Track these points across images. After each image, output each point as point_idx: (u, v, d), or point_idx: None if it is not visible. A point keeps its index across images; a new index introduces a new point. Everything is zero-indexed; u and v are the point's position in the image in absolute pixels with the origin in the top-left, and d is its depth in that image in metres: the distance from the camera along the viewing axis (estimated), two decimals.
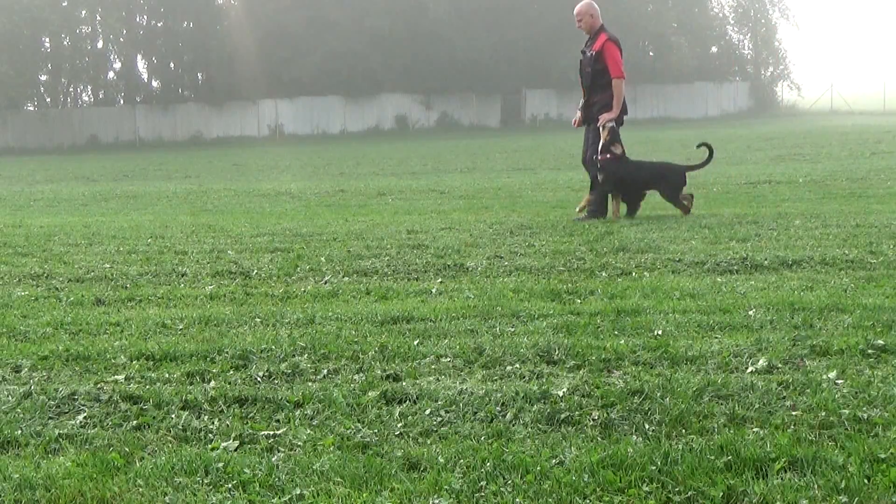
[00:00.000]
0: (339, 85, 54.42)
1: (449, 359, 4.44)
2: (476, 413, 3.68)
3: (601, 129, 10.11)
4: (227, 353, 4.63)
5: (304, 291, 6.31)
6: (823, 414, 3.51)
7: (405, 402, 3.85)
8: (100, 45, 58.01)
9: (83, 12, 55.77)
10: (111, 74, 59.18)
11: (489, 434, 3.46)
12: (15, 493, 3.05)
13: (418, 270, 7.01)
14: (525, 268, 6.93)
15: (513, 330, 4.98)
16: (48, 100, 57.54)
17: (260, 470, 3.17)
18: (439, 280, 6.63)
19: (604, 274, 6.61)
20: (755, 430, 3.39)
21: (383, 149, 36.92)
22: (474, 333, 4.93)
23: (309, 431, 3.53)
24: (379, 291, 6.20)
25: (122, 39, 57.13)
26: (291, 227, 10.19)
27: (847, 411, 3.52)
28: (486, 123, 55.63)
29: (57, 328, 5.32)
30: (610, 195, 10.21)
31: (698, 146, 10.90)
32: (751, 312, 5.18)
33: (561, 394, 3.83)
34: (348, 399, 3.87)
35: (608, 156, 10.09)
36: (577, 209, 10.46)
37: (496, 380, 4.12)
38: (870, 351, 4.34)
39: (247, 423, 3.67)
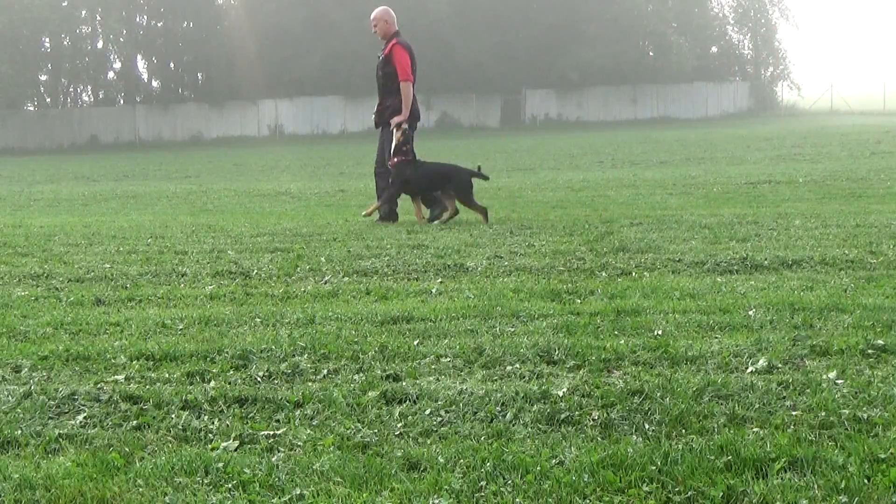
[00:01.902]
0: (339, 85, 54.40)
1: (449, 359, 4.44)
2: (476, 413, 3.68)
3: (394, 131, 10.30)
4: (227, 353, 4.63)
5: (304, 291, 6.31)
6: (823, 414, 3.51)
7: (405, 402, 3.84)
8: (100, 45, 58.02)
9: (83, 12, 55.77)
10: (111, 74, 59.21)
11: (489, 434, 3.46)
12: (15, 493, 3.05)
13: (418, 270, 7.01)
14: (525, 268, 6.93)
15: (513, 330, 4.98)
16: (48, 100, 57.55)
17: (260, 470, 3.17)
18: (439, 280, 6.63)
19: (604, 274, 6.61)
20: (755, 430, 3.39)
21: None
22: (474, 333, 4.93)
23: (309, 431, 3.53)
24: (379, 291, 6.20)
25: (122, 39, 57.14)
26: (291, 227, 10.19)
27: (847, 411, 3.52)
28: (486, 123, 55.62)
29: (57, 328, 5.32)
30: (411, 198, 10.43)
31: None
32: (751, 312, 5.18)
33: (561, 394, 3.83)
34: (348, 399, 3.87)
35: (399, 158, 10.28)
36: (364, 214, 10.68)
37: (496, 380, 4.12)
38: (870, 351, 4.34)
39: (247, 423, 3.67)
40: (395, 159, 10.31)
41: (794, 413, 3.55)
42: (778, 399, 3.72)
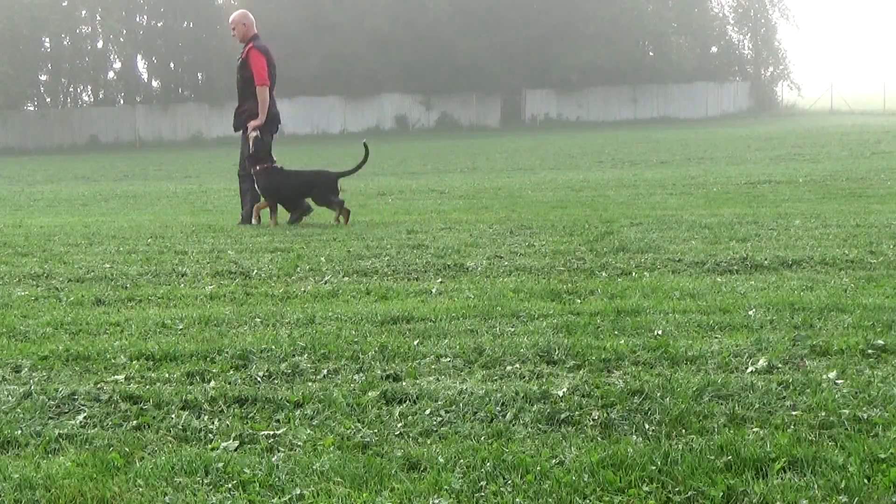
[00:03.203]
0: (339, 85, 54.41)
1: (449, 359, 4.44)
2: (476, 413, 3.68)
3: (249, 137, 10.46)
4: (227, 353, 4.63)
5: (304, 291, 6.31)
6: (823, 414, 3.51)
7: (405, 402, 3.84)
8: (100, 45, 58.00)
9: (83, 12, 55.76)
10: (111, 74, 59.19)
11: (489, 434, 3.46)
12: (15, 493, 3.05)
13: (418, 270, 7.00)
14: (525, 268, 6.93)
15: (513, 330, 4.98)
16: (48, 100, 57.53)
17: (260, 470, 3.17)
18: (439, 280, 6.62)
19: (604, 274, 6.61)
20: (755, 430, 3.39)
21: (383, 149, 36.91)
22: (474, 333, 4.93)
23: (309, 431, 3.53)
24: (379, 291, 6.20)
25: (122, 39, 57.11)
26: (291, 227, 10.18)
27: (847, 411, 3.51)
28: (486, 123, 55.60)
29: (57, 328, 5.32)
30: (269, 206, 10.51)
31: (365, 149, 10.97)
32: (751, 312, 5.18)
33: (561, 394, 3.83)
34: (348, 399, 3.87)
35: (259, 167, 10.43)
36: (254, 221, 10.65)
37: (496, 380, 4.12)
38: (870, 351, 4.34)
39: (247, 423, 3.67)
40: (258, 167, 10.43)
41: (794, 413, 3.55)
42: (778, 399, 3.72)
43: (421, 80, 55.19)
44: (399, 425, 3.58)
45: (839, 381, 3.90)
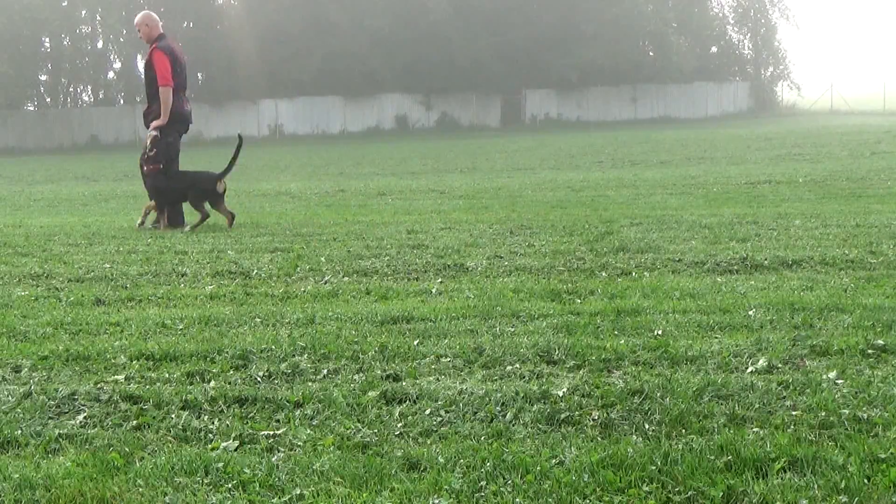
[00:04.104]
0: (339, 85, 54.40)
1: (449, 359, 4.44)
2: (476, 413, 3.68)
3: (148, 136, 10.54)
4: (227, 353, 4.63)
5: (304, 291, 6.31)
6: (823, 414, 3.51)
7: (405, 402, 3.84)
8: (100, 45, 58.01)
9: (83, 12, 55.77)
10: (111, 74, 59.20)
11: (489, 434, 3.46)
12: (15, 493, 3.05)
13: (418, 270, 7.01)
14: (525, 268, 6.93)
15: (513, 330, 4.98)
16: (48, 100, 57.54)
17: (260, 470, 3.17)
18: (439, 280, 6.62)
19: (604, 274, 6.61)
20: (755, 430, 3.39)
21: (383, 149, 36.92)
22: (474, 333, 4.93)
23: (309, 431, 3.53)
24: (379, 291, 6.20)
25: (122, 39, 57.10)
26: (291, 227, 10.19)
27: (847, 411, 3.52)
28: (486, 123, 55.62)
29: (57, 328, 5.32)
30: (157, 208, 10.57)
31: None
32: (751, 312, 5.18)
33: (561, 394, 3.83)
34: (348, 399, 3.87)
35: (151, 167, 10.48)
36: (153, 225, 10.64)
37: (496, 380, 4.12)
38: (870, 351, 4.34)
39: (247, 423, 3.67)
40: (146, 168, 10.55)
41: (794, 413, 3.55)
42: (778, 399, 3.72)
43: (421, 80, 55.20)
44: (399, 425, 3.58)
45: (839, 381, 3.91)
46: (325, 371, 4.31)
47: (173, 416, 3.75)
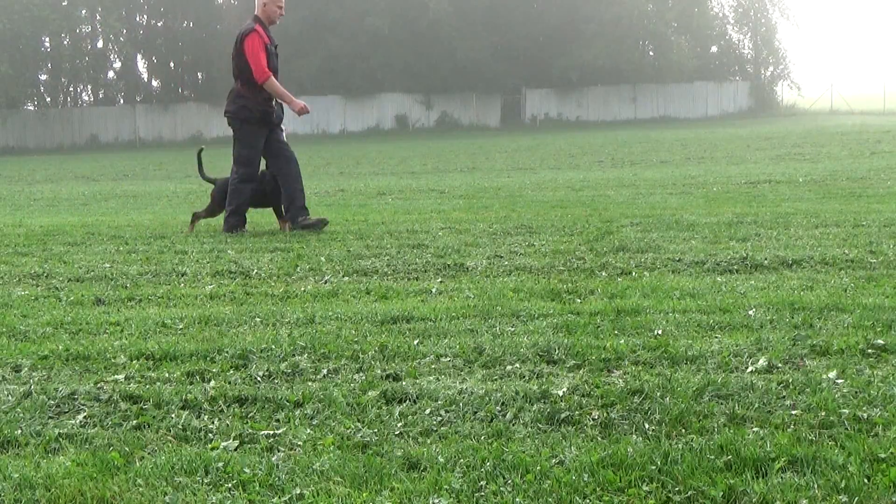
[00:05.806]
0: (339, 85, 54.45)
1: (449, 358, 4.44)
2: (476, 413, 3.68)
3: None
4: (227, 352, 4.63)
5: (304, 291, 6.31)
6: (823, 414, 3.51)
7: (405, 401, 3.84)
8: (100, 44, 58.05)
9: (83, 12, 55.78)
10: (111, 74, 59.26)
11: (489, 434, 3.46)
12: (15, 493, 3.05)
13: (418, 270, 7.01)
14: (525, 268, 6.93)
15: (513, 330, 4.98)
16: (48, 99, 57.57)
17: (260, 470, 3.17)
18: (439, 280, 6.62)
19: (604, 274, 6.61)
20: (755, 429, 3.39)
21: (383, 148, 36.92)
22: (474, 333, 4.93)
23: (309, 431, 3.53)
24: (379, 291, 6.20)
25: (122, 39, 57.16)
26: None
27: (847, 411, 3.51)
28: (486, 123, 55.63)
29: (57, 328, 5.32)
30: None
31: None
32: (751, 312, 5.18)
33: (561, 393, 3.83)
34: (348, 399, 3.87)
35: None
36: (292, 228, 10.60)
37: (496, 379, 4.12)
38: (870, 351, 4.34)
39: (247, 422, 3.67)
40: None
41: (794, 413, 3.54)
42: (778, 399, 3.72)
43: (421, 80, 55.22)
44: (399, 425, 3.58)
45: (839, 381, 3.90)
46: (324, 371, 4.31)
47: (173, 415, 3.75)
